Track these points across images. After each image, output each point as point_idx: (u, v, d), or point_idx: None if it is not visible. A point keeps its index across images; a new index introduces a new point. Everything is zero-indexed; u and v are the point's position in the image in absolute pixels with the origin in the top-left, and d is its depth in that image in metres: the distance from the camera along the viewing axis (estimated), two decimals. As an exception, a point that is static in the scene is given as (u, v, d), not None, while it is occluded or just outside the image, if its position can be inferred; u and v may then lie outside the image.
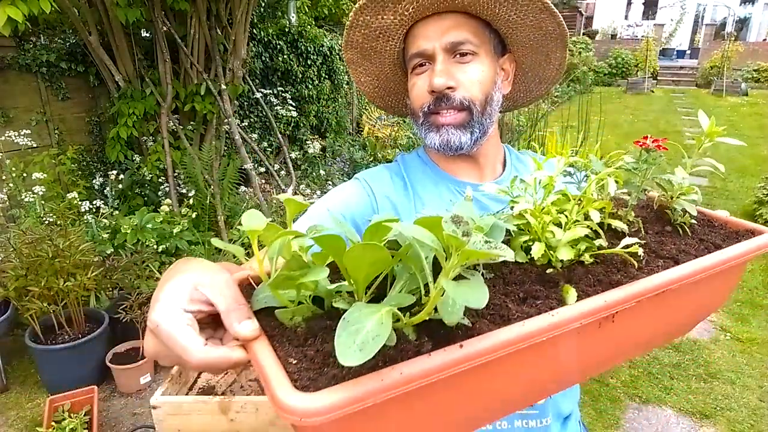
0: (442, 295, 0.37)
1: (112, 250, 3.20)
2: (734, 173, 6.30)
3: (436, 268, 0.38)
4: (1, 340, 2.83)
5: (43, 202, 3.30)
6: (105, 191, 3.81)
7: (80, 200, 3.52)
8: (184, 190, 4.05)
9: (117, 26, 3.59)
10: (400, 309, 0.36)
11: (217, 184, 3.90)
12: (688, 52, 18.65)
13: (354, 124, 7.23)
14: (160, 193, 4.01)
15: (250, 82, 4.83)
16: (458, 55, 0.81)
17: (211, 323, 0.44)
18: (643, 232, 0.57)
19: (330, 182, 5.19)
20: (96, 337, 2.64)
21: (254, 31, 5.03)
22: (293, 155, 5.37)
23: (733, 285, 0.62)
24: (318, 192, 4.60)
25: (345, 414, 0.31)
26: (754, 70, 13.33)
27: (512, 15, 0.80)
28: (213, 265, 0.47)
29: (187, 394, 1.76)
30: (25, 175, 3.43)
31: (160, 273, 3.24)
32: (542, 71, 0.92)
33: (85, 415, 2.28)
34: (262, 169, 4.66)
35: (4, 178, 3.41)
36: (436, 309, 0.37)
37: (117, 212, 3.65)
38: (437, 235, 0.36)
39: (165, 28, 3.84)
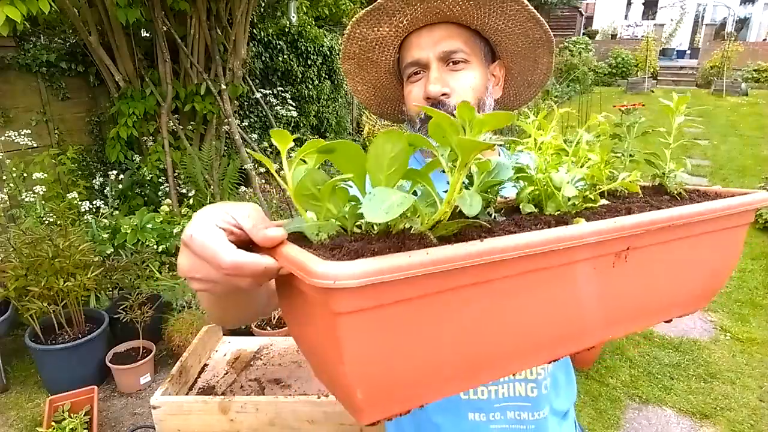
0: (460, 193, 0.39)
1: (112, 250, 3.21)
2: (734, 173, 6.30)
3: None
4: (1, 340, 2.83)
5: (43, 202, 3.30)
6: (105, 191, 3.81)
7: (80, 200, 3.52)
8: (184, 190, 4.05)
9: (117, 26, 3.59)
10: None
11: (217, 184, 3.90)
12: (688, 52, 18.65)
13: (354, 124, 7.23)
14: (160, 193, 4.01)
15: (250, 82, 4.84)
16: (451, 63, 0.85)
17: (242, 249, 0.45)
18: (641, 193, 0.61)
19: (330, 182, 5.20)
20: (96, 337, 2.64)
21: (254, 31, 5.03)
22: (293, 155, 5.37)
23: (738, 249, 0.62)
24: (318, 192, 4.60)
25: (375, 282, 0.33)
26: (754, 70, 13.33)
27: (501, 24, 0.85)
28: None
29: (187, 394, 1.76)
30: (25, 175, 3.43)
31: (160, 273, 3.24)
32: (530, 76, 0.97)
33: (85, 415, 2.28)
34: (263, 169, 4.67)
35: (4, 178, 3.41)
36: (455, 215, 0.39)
37: (117, 212, 3.65)
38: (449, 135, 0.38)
39: (165, 28, 3.84)
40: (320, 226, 0.41)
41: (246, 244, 0.44)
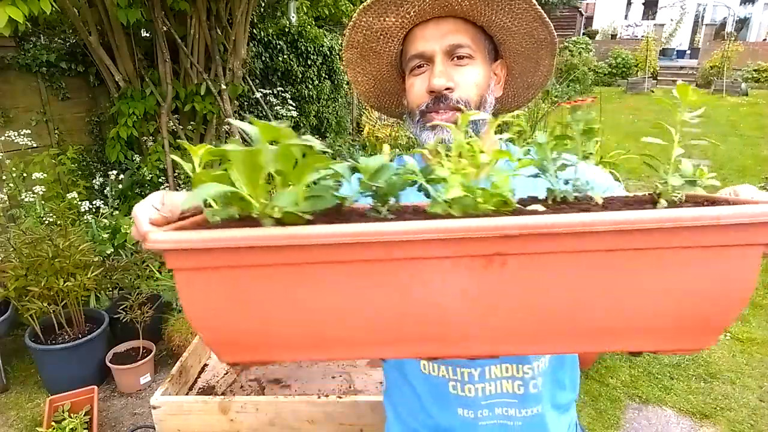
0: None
1: (112, 250, 3.21)
2: (734, 173, 6.30)
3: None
4: (1, 340, 2.83)
5: (43, 202, 3.30)
6: (105, 191, 3.81)
7: (80, 200, 3.52)
8: (184, 190, 4.05)
9: (117, 26, 3.59)
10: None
11: (217, 184, 3.90)
12: (688, 52, 18.64)
13: (354, 124, 7.23)
14: (160, 193, 4.00)
15: (250, 82, 4.84)
16: (456, 58, 0.85)
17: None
18: (599, 201, 0.50)
19: (330, 182, 5.20)
20: (96, 337, 2.64)
21: (254, 31, 5.03)
22: (293, 155, 5.38)
23: (747, 275, 0.44)
24: (318, 192, 4.61)
25: (188, 248, 0.43)
26: (754, 70, 13.33)
27: (507, 22, 0.85)
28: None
29: (187, 394, 1.76)
30: (25, 175, 3.43)
31: (160, 273, 3.24)
32: (531, 77, 0.97)
33: (85, 415, 2.28)
34: (262, 169, 4.66)
35: (4, 178, 3.41)
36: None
37: (117, 212, 3.65)
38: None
39: (165, 28, 3.84)
40: (214, 212, 0.48)
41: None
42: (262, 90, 5.14)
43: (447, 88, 0.83)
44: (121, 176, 3.90)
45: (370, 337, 0.47)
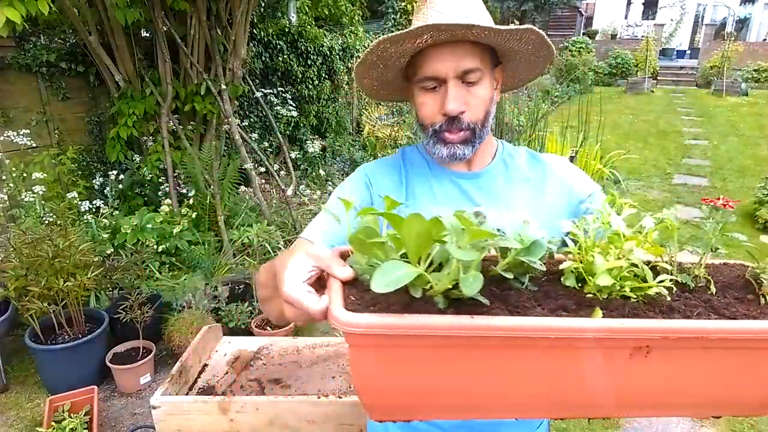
0: (464, 272, 0.47)
1: (112, 250, 3.21)
2: (734, 173, 6.30)
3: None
4: (1, 340, 2.83)
5: (43, 202, 3.30)
6: (105, 191, 3.81)
7: (80, 200, 3.52)
8: (184, 190, 4.05)
9: (117, 26, 3.59)
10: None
11: (217, 184, 3.90)
12: (688, 52, 18.64)
13: (354, 124, 7.23)
14: (160, 193, 4.01)
15: (250, 82, 4.84)
16: (467, 81, 0.89)
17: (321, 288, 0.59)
18: (713, 290, 0.55)
19: (330, 182, 5.20)
20: (96, 337, 2.64)
21: (254, 31, 5.04)
22: (293, 155, 5.38)
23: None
24: (318, 192, 4.61)
25: (373, 333, 0.45)
26: (754, 70, 13.33)
27: (515, 46, 0.91)
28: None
29: (187, 394, 1.76)
30: (25, 175, 3.43)
31: (160, 273, 3.25)
32: (524, 76, 1.04)
33: (85, 415, 2.28)
34: (262, 169, 4.67)
35: (4, 178, 3.41)
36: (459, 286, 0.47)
37: (117, 212, 3.65)
38: (460, 220, 0.48)
39: (165, 28, 3.84)
40: (364, 269, 0.54)
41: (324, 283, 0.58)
42: (262, 90, 5.14)
43: (461, 112, 0.89)
44: (121, 176, 3.90)
45: (516, 403, 0.54)
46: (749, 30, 20.54)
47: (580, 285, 0.54)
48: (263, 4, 5.20)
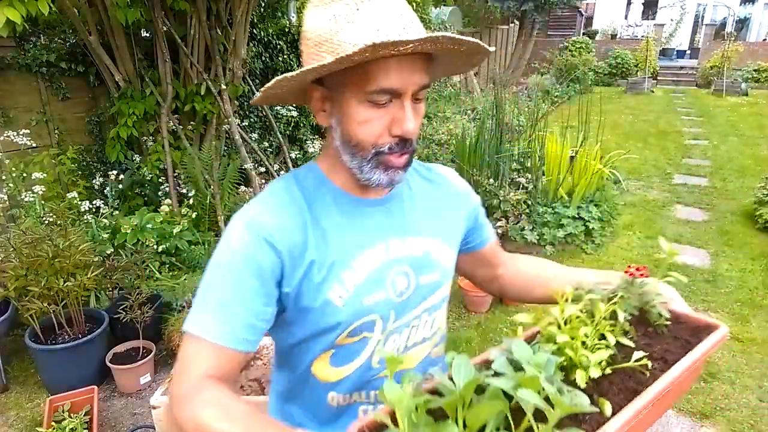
0: None
1: (112, 250, 3.20)
2: (734, 173, 6.30)
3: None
4: (1, 340, 2.83)
5: (43, 202, 3.30)
6: (105, 191, 3.81)
7: (80, 200, 3.52)
8: (184, 190, 4.05)
9: (117, 26, 3.59)
10: None
11: (217, 184, 3.90)
12: (688, 52, 18.63)
13: (354, 124, 7.22)
14: (160, 193, 4.01)
15: (250, 82, 4.84)
16: (417, 97, 0.77)
17: None
18: (635, 337, 0.72)
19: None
20: (96, 337, 2.64)
21: (254, 31, 5.03)
22: (293, 155, 5.37)
23: (697, 375, 0.76)
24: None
25: None
26: (754, 70, 13.32)
27: (457, 60, 0.81)
28: None
29: (187, 394, 1.76)
30: (25, 175, 3.43)
31: (160, 273, 3.24)
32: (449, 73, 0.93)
33: (85, 415, 2.28)
34: (262, 169, 4.66)
35: (4, 178, 3.41)
36: None
37: (117, 212, 3.65)
38: (536, 390, 0.50)
39: (165, 28, 3.84)
40: None
41: None
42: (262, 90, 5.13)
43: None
44: (121, 176, 3.90)
45: None
46: (749, 30, 20.53)
47: (564, 374, 0.63)
48: (263, 4, 5.19)
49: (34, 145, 3.58)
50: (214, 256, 0.80)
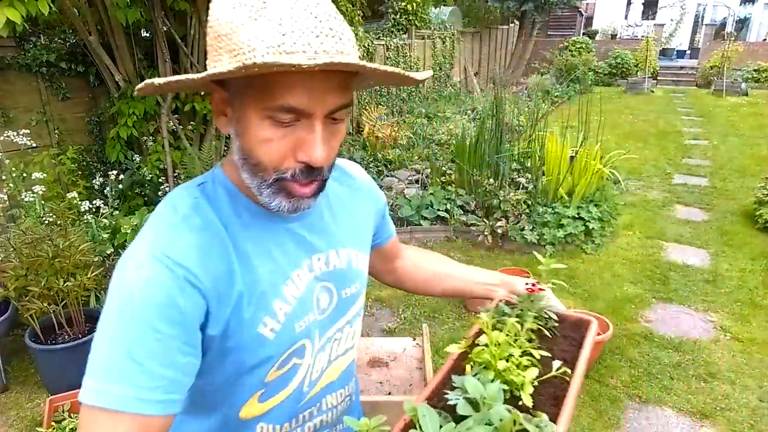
0: None
1: (112, 250, 3.20)
2: (734, 173, 6.30)
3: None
4: (1, 340, 2.83)
5: (43, 202, 3.29)
6: (105, 191, 3.81)
7: (80, 200, 3.52)
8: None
9: (117, 26, 3.59)
10: None
11: (217, 184, 3.89)
12: (688, 52, 18.64)
13: (354, 124, 7.23)
14: (160, 193, 4.01)
15: (250, 82, 4.83)
16: (333, 117, 0.65)
17: None
18: (537, 343, 0.83)
19: (330, 182, 5.19)
20: (96, 337, 2.63)
21: (254, 31, 5.03)
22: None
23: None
24: (318, 192, 4.61)
25: None
26: (754, 70, 13.32)
27: (381, 79, 0.73)
28: None
29: (187, 394, 1.76)
30: (25, 175, 3.43)
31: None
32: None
33: (85, 415, 2.28)
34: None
35: (4, 178, 3.41)
36: None
37: (117, 212, 3.65)
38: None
39: (165, 28, 3.84)
40: None
41: None
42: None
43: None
44: (121, 176, 3.90)
45: None
46: (749, 30, 20.53)
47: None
48: (263, 4, 5.19)
49: (34, 145, 3.58)
50: (113, 302, 0.61)
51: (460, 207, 4.53)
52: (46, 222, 3.08)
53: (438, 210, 4.50)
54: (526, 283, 0.94)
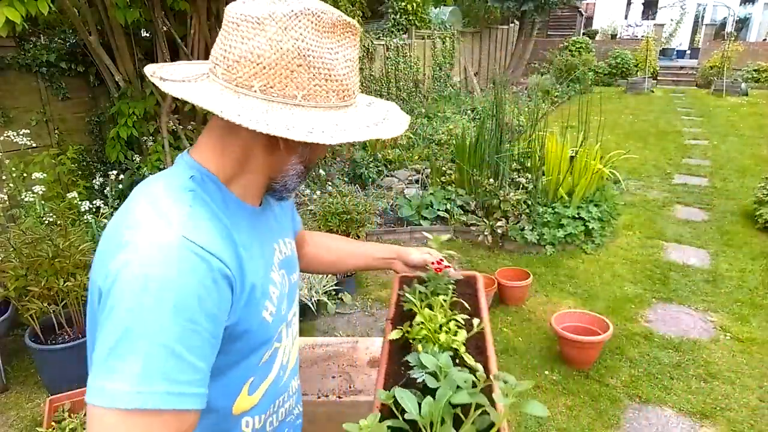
0: None
1: (112, 250, 3.20)
2: (734, 173, 6.30)
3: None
4: (1, 340, 2.83)
5: (43, 202, 3.29)
6: (105, 191, 3.81)
7: (80, 200, 3.52)
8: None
9: (117, 26, 3.59)
10: None
11: (217, 184, 3.89)
12: (688, 52, 18.63)
13: (354, 124, 7.21)
14: (160, 193, 4.00)
15: (250, 82, 4.83)
16: None
17: None
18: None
19: (330, 182, 5.19)
20: (96, 337, 2.63)
21: (254, 31, 5.03)
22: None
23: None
24: (318, 192, 4.60)
25: None
26: (754, 70, 13.32)
27: None
28: None
29: (187, 394, 1.76)
30: (25, 175, 3.43)
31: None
32: None
33: (85, 415, 2.28)
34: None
35: (4, 178, 3.41)
36: None
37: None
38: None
39: (165, 28, 3.84)
40: None
41: None
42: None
43: None
44: (121, 176, 3.90)
45: None
46: (749, 30, 20.52)
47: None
48: (263, 4, 5.19)
49: (34, 145, 3.58)
50: (138, 298, 0.56)
51: (460, 207, 4.53)
52: (46, 222, 3.08)
53: (438, 210, 4.50)
54: (432, 263, 1.11)
